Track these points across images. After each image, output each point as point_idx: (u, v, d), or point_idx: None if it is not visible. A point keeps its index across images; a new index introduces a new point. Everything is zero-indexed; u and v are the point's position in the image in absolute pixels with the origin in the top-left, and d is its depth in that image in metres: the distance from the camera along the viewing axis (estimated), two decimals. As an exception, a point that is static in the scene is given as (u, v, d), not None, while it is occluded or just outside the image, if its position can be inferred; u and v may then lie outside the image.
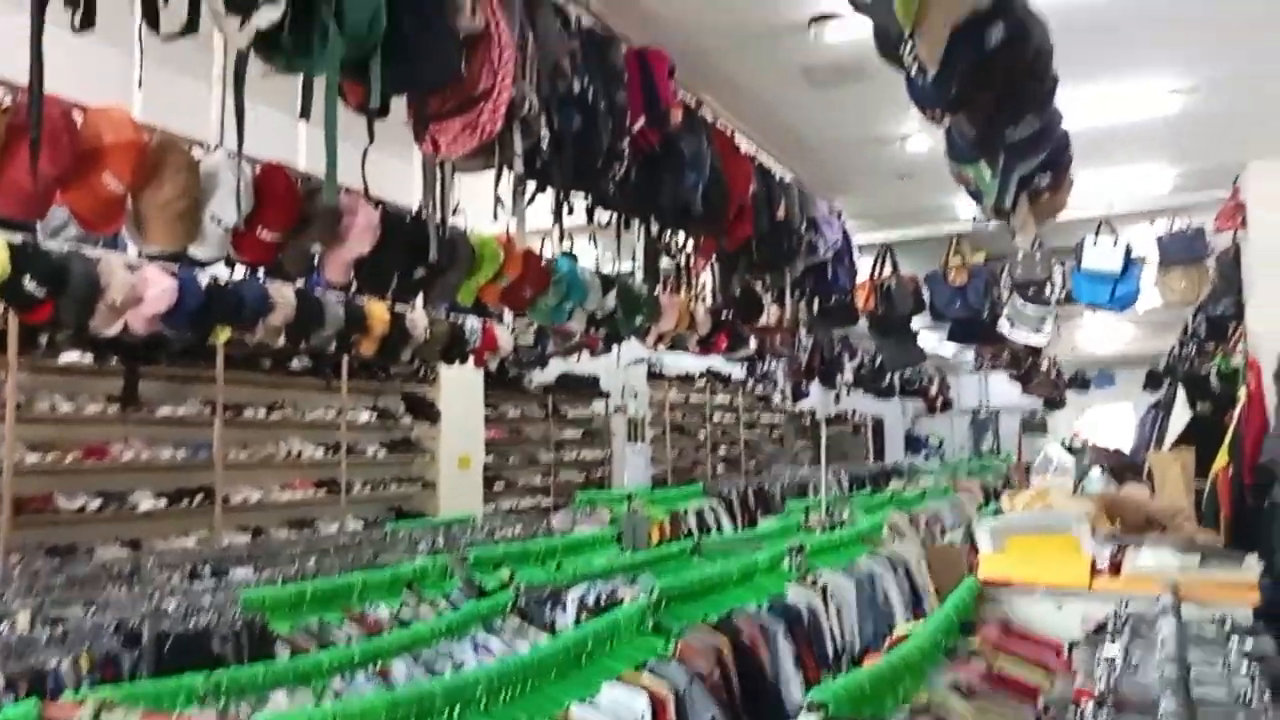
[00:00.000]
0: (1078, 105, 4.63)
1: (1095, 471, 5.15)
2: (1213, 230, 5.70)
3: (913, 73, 1.76)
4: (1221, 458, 5.23)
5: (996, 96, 1.84)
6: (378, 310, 4.98)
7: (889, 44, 1.64)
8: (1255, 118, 5.18)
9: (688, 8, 3.46)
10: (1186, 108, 4.95)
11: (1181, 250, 5.68)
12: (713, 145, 3.90)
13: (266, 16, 2.07)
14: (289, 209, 2.97)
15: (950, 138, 2.03)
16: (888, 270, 6.49)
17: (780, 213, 4.54)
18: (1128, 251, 5.76)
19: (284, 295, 4.46)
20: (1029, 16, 1.87)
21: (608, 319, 5.20)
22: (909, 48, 1.56)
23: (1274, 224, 5.58)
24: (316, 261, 3.36)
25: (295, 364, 6.66)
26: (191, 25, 2.02)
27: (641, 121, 3.32)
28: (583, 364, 8.38)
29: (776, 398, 14.52)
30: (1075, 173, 3.67)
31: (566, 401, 10.24)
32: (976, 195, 2.61)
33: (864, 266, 6.42)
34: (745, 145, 4.36)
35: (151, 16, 1.98)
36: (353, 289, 3.89)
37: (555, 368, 8.91)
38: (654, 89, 3.40)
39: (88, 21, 1.80)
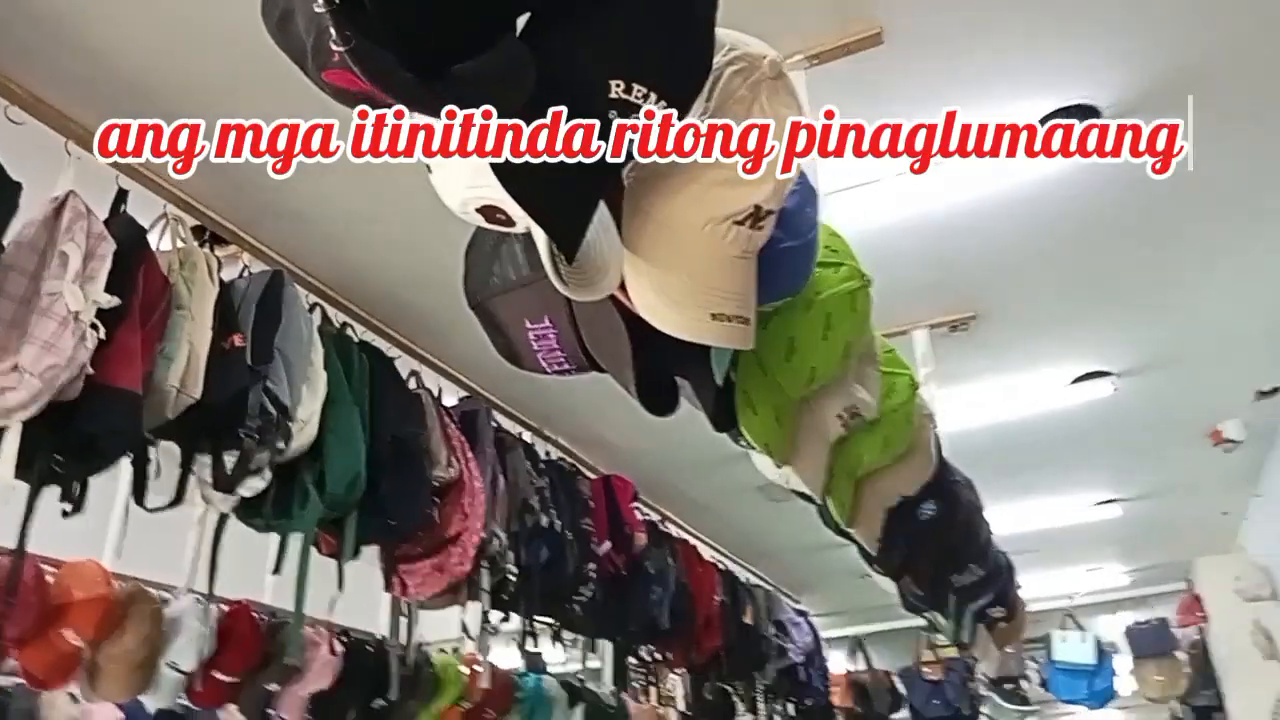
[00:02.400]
0: (1017, 517, 4.90)
1: None
2: (1176, 623, 5.74)
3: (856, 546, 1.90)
4: None
5: (937, 558, 1.97)
6: (331, 732, 4.72)
7: (833, 527, 1.79)
8: (1187, 521, 5.45)
9: (645, 441, 3.72)
10: (1124, 515, 5.22)
11: (1151, 643, 5.68)
12: (678, 559, 3.99)
13: (252, 486, 2.20)
14: (250, 651, 2.91)
15: (902, 593, 2.13)
16: (860, 664, 6.38)
17: (748, 618, 4.55)
18: (1098, 644, 5.75)
19: (234, 721, 4.25)
20: (955, 485, 2.05)
21: (574, 737, 4.95)
22: (851, 534, 1.70)
23: (1232, 617, 5.62)
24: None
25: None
26: (178, 499, 2.12)
27: (607, 545, 3.42)
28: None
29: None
30: (1032, 571, 3.77)
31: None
32: (933, 628, 2.68)
33: (837, 659, 6.31)
34: (708, 553, 4.46)
35: (139, 493, 2.08)
36: (307, 720, 3.71)
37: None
38: (619, 514, 3.55)
39: (78, 509, 1.89)
